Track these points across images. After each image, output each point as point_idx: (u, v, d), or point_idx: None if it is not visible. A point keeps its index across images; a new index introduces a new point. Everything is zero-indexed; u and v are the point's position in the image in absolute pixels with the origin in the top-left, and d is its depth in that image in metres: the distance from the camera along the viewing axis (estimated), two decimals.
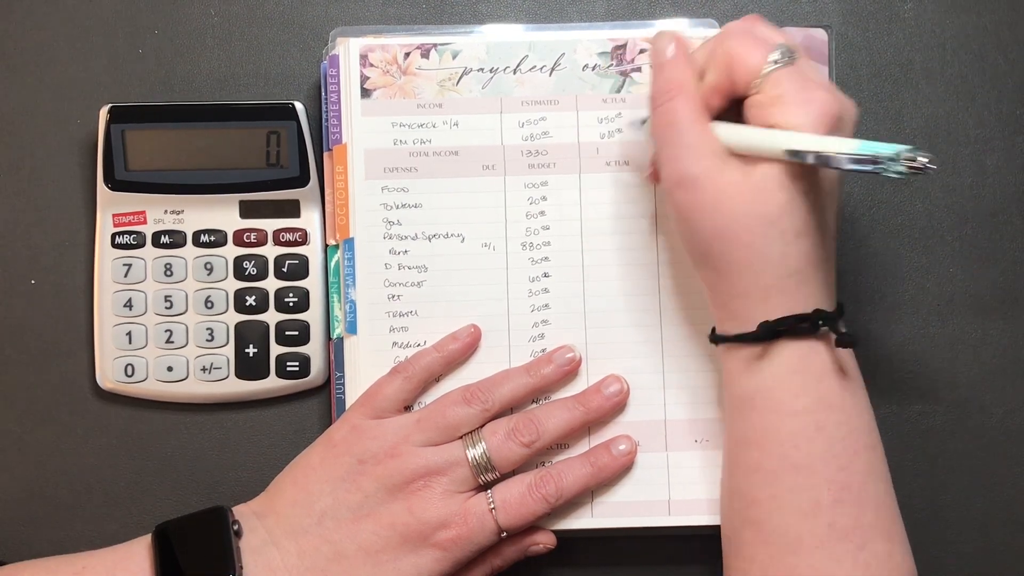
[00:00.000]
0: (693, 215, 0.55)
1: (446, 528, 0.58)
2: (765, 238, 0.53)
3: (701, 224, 0.54)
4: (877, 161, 0.48)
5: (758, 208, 0.53)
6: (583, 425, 0.62)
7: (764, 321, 0.54)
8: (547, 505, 0.60)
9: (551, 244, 0.64)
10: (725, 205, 0.54)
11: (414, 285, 0.64)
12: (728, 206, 0.53)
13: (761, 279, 0.54)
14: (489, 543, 0.59)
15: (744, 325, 0.55)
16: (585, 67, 0.65)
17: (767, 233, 0.53)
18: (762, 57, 0.54)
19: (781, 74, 0.54)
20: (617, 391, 0.62)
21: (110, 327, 0.64)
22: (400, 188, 0.64)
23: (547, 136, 0.64)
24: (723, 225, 0.54)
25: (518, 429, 0.60)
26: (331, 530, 0.58)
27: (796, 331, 0.54)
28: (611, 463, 0.62)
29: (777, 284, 0.54)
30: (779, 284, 0.54)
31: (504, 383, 0.62)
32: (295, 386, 0.65)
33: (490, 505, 0.59)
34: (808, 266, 0.54)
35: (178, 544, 0.57)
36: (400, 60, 0.64)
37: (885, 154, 0.48)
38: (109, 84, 0.67)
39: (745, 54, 0.54)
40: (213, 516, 0.58)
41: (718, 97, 0.56)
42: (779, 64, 0.54)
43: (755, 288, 0.54)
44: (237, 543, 0.58)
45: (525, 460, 0.61)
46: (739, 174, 0.54)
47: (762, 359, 0.55)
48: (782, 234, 0.53)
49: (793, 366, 0.54)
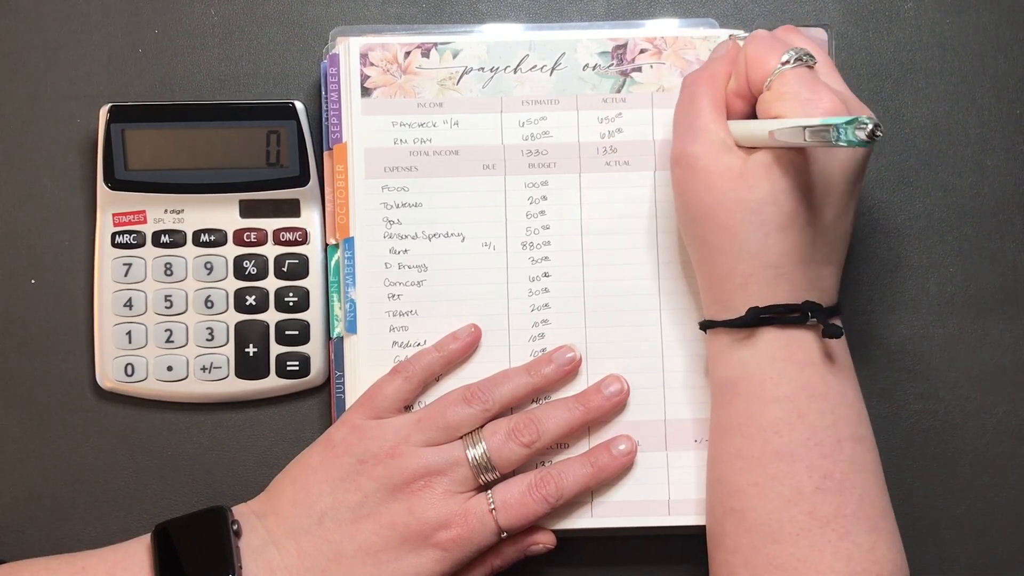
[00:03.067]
0: (686, 193, 0.57)
1: (446, 528, 0.58)
2: (745, 225, 0.54)
3: (692, 203, 0.57)
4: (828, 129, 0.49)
5: (742, 195, 0.54)
6: (583, 425, 0.62)
7: (753, 307, 0.55)
8: (547, 505, 0.60)
9: (551, 244, 0.64)
10: (715, 187, 0.55)
11: (414, 284, 0.64)
12: (717, 188, 0.55)
13: (739, 266, 0.55)
14: (489, 543, 0.59)
15: (726, 311, 0.56)
16: (585, 67, 0.65)
17: (748, 220, 0.54)
18: (776, 58, 0.55)
19: (791, 74, 0.55)
20: (617, 391, 0.62)
21: (110, 326, 0.64)
22: (400, 187, 0.64)
23: (547, 136, 0.64)
24: (710, 207, 0.56)
25: (518, 429, 0.60)
26: (331, 530, 0.58)
27: (782, 320, 0.55)
28: (611, 463, 0.62)
29: (755, 273, 0.55)
30: (757, 274, 0.55)
31: (504, 383, 0.62)
32: (295, 386, 0.65)
33: (490, 505, 0.59)
34: (789, 262, 0.55)
35: (178, 544, 0.57)
36: (400, 59, 0.64)
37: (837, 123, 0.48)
38: (109, 84, 0.67)
39: (761, 55, 0.56)
40: (213, 516, 0.58)
41: (740, 100, 0.58)
42: (790, 65, 0.55)
43: (735, 274, 0.55)
44: (237, 543, 0.58)
45: (525, 460, 0.61)
46: (736, 161, 0.55)
47: (745, 345, 0.56)
48: (762, 224, 0.54)
49: (775, 353, 0.55)
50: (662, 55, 0.64)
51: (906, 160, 0.67)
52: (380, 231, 0.64)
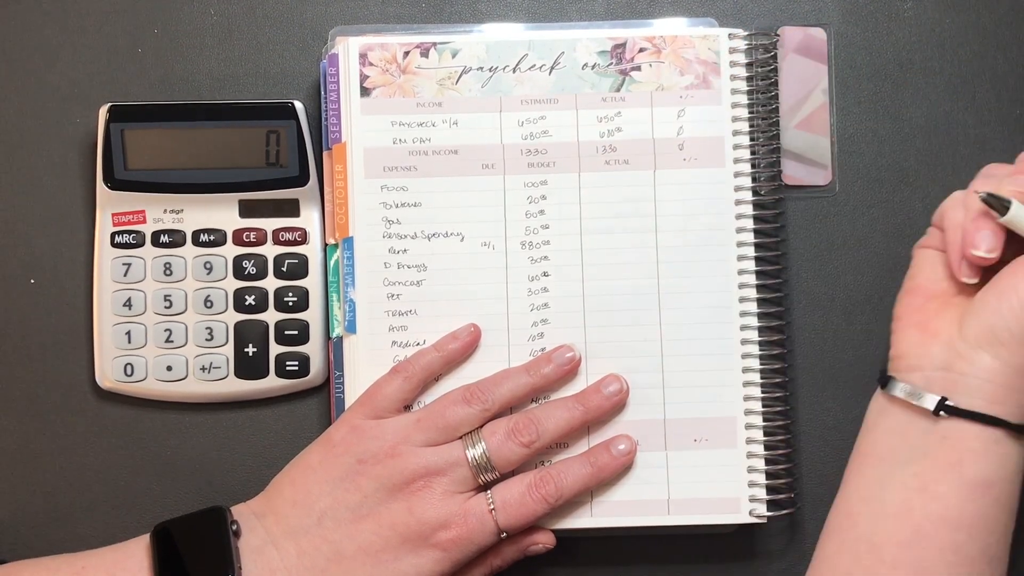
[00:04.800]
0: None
1: (446, 529, 0.58)
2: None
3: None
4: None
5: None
6: (583, 424, 0.62)
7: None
8: (547, 505, 0.60)
9: (550, 243, 0.64)
10: None
11: (413, 284, 0.64)
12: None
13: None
14: (489, 543, 0.59)
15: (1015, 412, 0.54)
16: (585, 66, 0.65)
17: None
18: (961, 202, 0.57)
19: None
20: (617, 390, 0.62)
21: (109, 326, 0.64)
22: (399, 187, 0.64)
23: (546, 135, 0.64)
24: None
25: (518, 429, 0.60)
26: (331, 530, 0.58)
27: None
28: (611, 463, 0.62)
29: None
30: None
31: (504, 383, 0.62)
32: (294, 385, 0.65)
33: (490, 506, 0.59)
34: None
35: (177, 544, 0.57)
36: (399, 59, 0.64)
37: None
38: (109, 83, 0.67)
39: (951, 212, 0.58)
40: (212, 516, 0.58)
41: None
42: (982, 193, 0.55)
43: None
44: (236, 543, 0.58)
45: (525, 460, 0.61)
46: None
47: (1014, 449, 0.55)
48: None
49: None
50: (661, 54, 0.64)
51: (906, 160, 0.67)
52: (379, 231, 0.64)
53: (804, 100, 0.67)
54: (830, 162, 0.67)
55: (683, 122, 0.64)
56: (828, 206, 0.67)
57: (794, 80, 0.67)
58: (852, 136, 0.67)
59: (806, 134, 0.67)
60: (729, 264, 0.64)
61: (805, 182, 0.67)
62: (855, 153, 0.67)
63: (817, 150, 0.67)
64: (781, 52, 0.66)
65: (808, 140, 0.67)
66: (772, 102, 0.66)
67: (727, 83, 0.65)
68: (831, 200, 0.67)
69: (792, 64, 0.67)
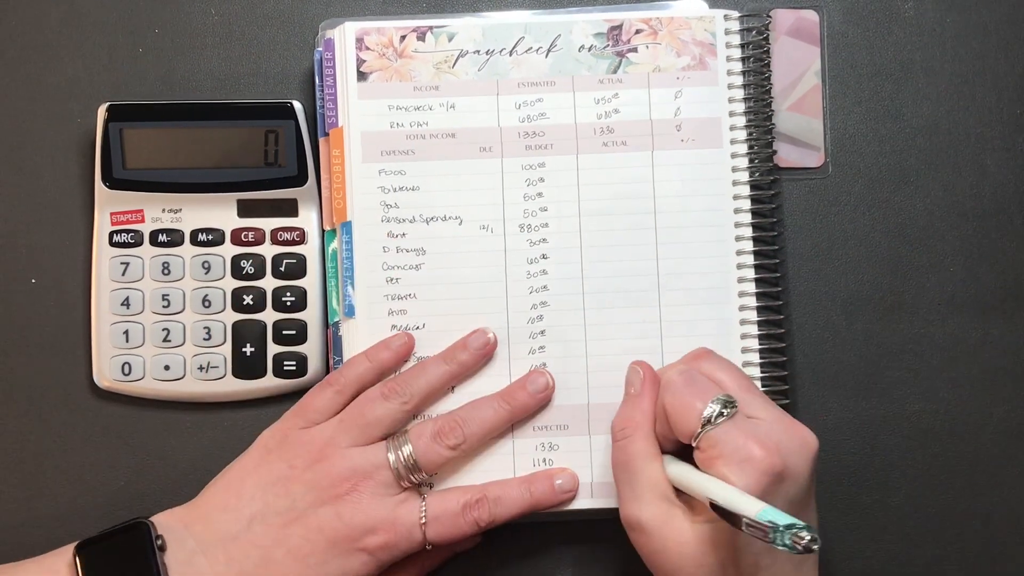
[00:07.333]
0: (644, 555, 0.56)
1: (374, 534, 0.58)
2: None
3: (652, 564, 0.55)
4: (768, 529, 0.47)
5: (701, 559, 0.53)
6: (508, 423, 0.62)
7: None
8: (477, 528, 0.60)
9: (549, 226, 0.64)
10: (672, 552, 0.54)
11: (412, 268, 0.64)
12: (674, 553, 0.54)
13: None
14: (415, 551, 0.60)
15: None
16: (581, 48, 0.64)
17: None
18: (697, 418, 0.54)
19: (717, 434, 0.53)
20: (543, 386, 0.62)
21: (107, 325, 0.64)
22: (397, 171, 0.64)
23: (544, 117, 0.64)
24: (671, 570, 0.54)
25: (443, 432, 0.60)
26: (260, 535, 0.58)
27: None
28: (549, 494, 0.61)
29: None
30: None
31: (421, 375, 0.61)
32: (292, 385, 0.65)
33: (421, 518, 0.59)
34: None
35: (99, 563, 0.57)
36: (396, 43, 0.64)
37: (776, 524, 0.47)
38: (108, 83, 0.67)
39: (682, 413, 0.55)
40: (135, 532, 0.58)
41: (668, 443, 0.57)
42: (713, 425, 0.54)
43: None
44: (162, 558, 0.57)
45: (452, 461, 0.61)
46: (685, 524, 0.54)
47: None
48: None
49: None
50: (658, 35, 0.64)
51: (906, 160, 0.67)
52: (378, 215, 0.64)
53: (796, 82, 0.67)
54: (822, 144, 0.67)
55: (680, 103, 0.64)
56: (828, 206, 0.67)
57: (786, 62, 0.67)
58: (852, 136, 0.67)
59: (798, 116, 0.67)
60: (727, 245, 0.64)
61: (798, 164, 0.67)
62: (855, 153, 0.67)
63: (809, 132, 0.67)
64: (773, 35, 0.66)
65: (800, 122, 0.67)
66: (766, 83, 0.65)
67: (723, 64, 0.64)
68: (831, 200, 0.67)
69: (784, 46, 0.67)
